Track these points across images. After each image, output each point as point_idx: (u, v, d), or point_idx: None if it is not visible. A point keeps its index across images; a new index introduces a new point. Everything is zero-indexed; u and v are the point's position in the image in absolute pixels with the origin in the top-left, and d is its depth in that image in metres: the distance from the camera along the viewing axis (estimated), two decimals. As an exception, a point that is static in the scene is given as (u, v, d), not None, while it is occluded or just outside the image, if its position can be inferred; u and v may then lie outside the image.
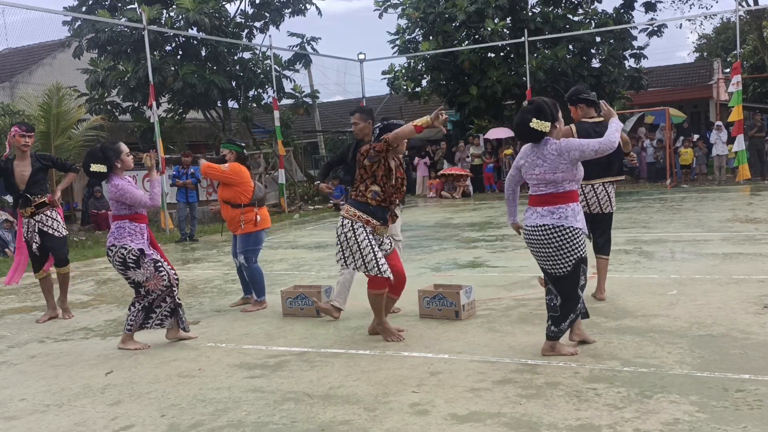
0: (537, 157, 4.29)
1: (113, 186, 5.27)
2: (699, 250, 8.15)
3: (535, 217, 4.29)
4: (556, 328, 4.35)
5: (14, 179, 6.41)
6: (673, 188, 17.45)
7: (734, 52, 20.38)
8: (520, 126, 4.31)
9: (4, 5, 13.03)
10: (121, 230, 5.25)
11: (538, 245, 4.29)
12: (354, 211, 4.90)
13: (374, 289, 4.98)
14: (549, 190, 4.27)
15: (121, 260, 5.21)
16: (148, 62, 14.51)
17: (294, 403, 3.90)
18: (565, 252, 4.23)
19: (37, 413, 4.03)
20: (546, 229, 4.23)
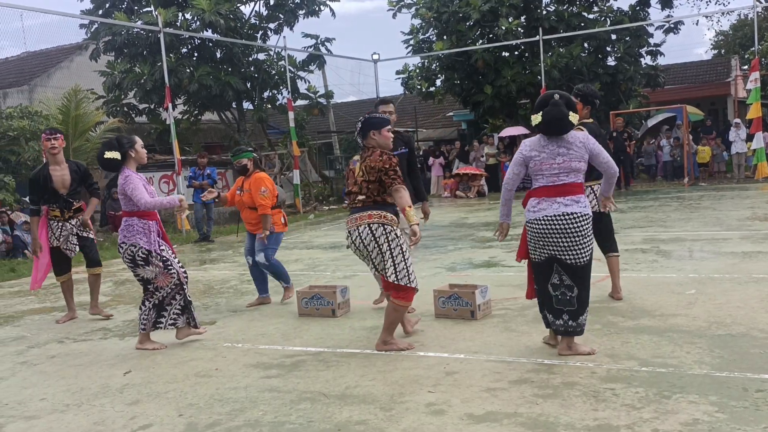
0: (559, 147, 4.26)
1: (122, 177, 5.26)
2: (718, 248, 8.06)
3: (557, 207, 4.24)
4: (574, 322, 4.31)
5: (53, 184, 6.36)
6: (690, 186, 17.30)
7: (752, 48, 20.14)
8: (560, 120, 4.21)
9: (23, 9, 13.19)
10: (130, 228, 5.28)
11: (561, 235, 4.23)
12: (385, 213, 4.63)
13: (402, 301, 4.69)
14: (571, 179, 4.26)
15: (130, 257, 5.25)
16: (164, 64, 14.62)
17: (310, 402, 3.91)
18: (588, 239, 4.28)
19: (56, 413, 4.07)
20: (575, 217, 4.22)
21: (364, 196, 4.65)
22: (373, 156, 4.61)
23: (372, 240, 4.59)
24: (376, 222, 4.60)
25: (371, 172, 4.60)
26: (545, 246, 4.31)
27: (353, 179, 4.73)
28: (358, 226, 4.64)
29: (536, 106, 4.33)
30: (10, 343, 5.93)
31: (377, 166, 4.56)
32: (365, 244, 4.62)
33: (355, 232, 4.67)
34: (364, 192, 4.64)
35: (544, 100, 4.30)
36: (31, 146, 13.53)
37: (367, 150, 4.71)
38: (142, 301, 5.37)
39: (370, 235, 4.59)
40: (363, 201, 4.65)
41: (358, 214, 4.66)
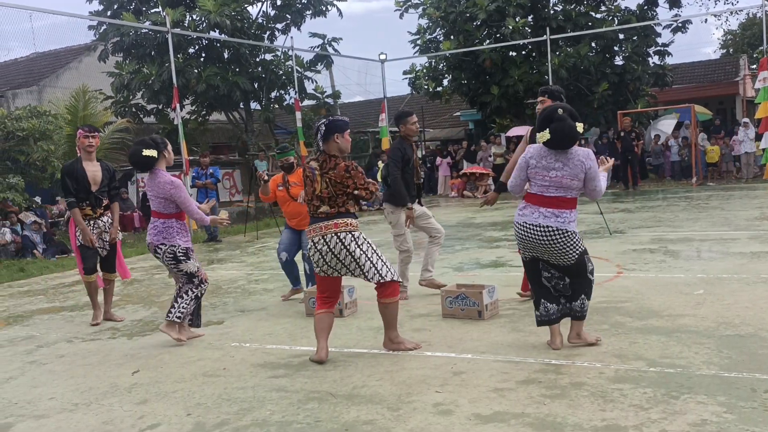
0: (556, 160, 4.30)
1: (169, 182, 5.32)
2: (726, 248, 8.03)
3: (537, 216, 4.34)
4: (575, 302, 4.43)
5: (86, 180, 6.35)
6: (698, 186, 17.23)
7: (760, 48, 20.04)
8: (570, 135, 4.23)
9: (32, 10, 13.25)
10: (170, 229, 5.38)
11: (536, 243, 4.36)
12: (350, 221, 4.59)
13: (394, 297, 4.68)
14: (558, 193, 4.32)
15: (171, 256, 5.36)
16: (172, 65, 14.66)
17: (318, 402, 3.92)
18: (566, 251, 4.34)
19: (65, 412, 4.10)
20: (550, 230, 4.30)
21: (326, 207, 4.55)
22: (337, 170, 4.50)
23: (342, 248, 4.52)
24: (344, 230, 4.54)
25: (338, 186, 4.52)
26: (527, 248, 4.47)
27: (312, 189, 4.58)
28: (324, 235, 4.54)
29: (541, 121, 4.34)
30: (20, 343, 5.97)
31: (347, 182, 4.51)
32: (335, 253, 4.53)
33: (320, 242, 4.55)
34: (327, 203, 4.55)
35: (549, 115, 4.29)
36: (39, 146, 13.61)
37: (328, 159, 4.54)
38: (183, 291, 5.41)
39: (339, 244, 4.52)
40: (326, 212, 4.56)
41: (322, 223, 4.56)
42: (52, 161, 13.73)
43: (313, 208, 4.61)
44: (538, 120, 4.40)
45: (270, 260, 10.10)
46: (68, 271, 10.58)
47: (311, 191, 4.61)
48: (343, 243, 4.52)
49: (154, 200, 5.40)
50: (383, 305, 4.69)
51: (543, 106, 5.67)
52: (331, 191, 4.53)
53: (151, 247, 5.43)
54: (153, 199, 5.41)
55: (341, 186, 4.53)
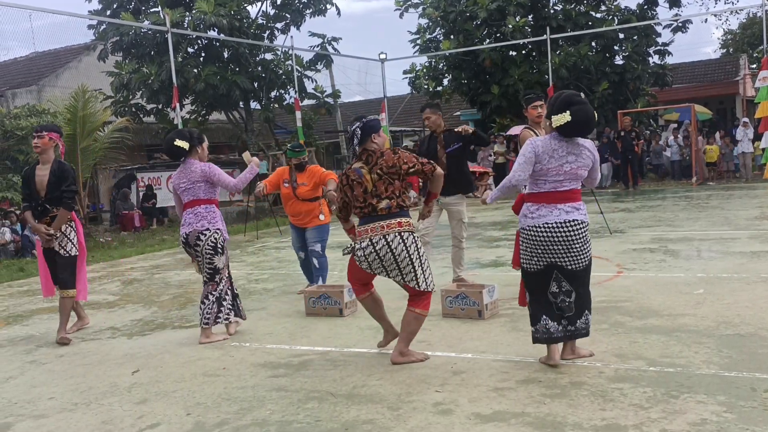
0: (569, 153, 4.06)
1: (204, 167, 5.37)
2: (726, 248, 8.03)
3: (559, 214, 4.07)
4: (573, 326, 4.18)
5: (34, 184, 5.74)
6: (698, 186, 17.22)
7: (760, 47, 20.04)
8: (591, 120, 4.02)
9: (31, 10, 13.24)
10: (213, 214, 5.40)
11: (562, 243, 4.06)
12: (409, 220, 4.41)
13: (427, 310, 4.48)
14: (572, 186, 4.12)
15: (213, 244, 5.34)
16: (172, 64, 14.65)
17: (318, 402, 3.92)
18: (588, 245, 4.17)
19: (65, 411, 4.09)
20: (577, 224, 4.08)
21: (386, 201, 4.33)
22: (386, 157, 4.36)
23: (404, 249, 4.32)
24: (407, 230, 4.36)
25: (391, 171, 4.34)
26: (544, 254, 4.12)
27: (362, 190, 4.39)
28: (386, 235, 4.31)
29: (559, 105, 4.03)
30: (19, 342, 5.97)
31: (399, 164, 4.34)
32: (395, 254, 4.31)
33: (381, 241, 4.32)
34: (386, 197, 4.34)
35: (568, 98, 4.04)
36: (39, 145, 13.60)
37: (371, 155, 4.42)
38: (204, 296, 5.43)
39: (401, 245, 4.31)
40: (387, 208, 4.34)
41: (384, 222, 4.33)
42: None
43: (370, 207, 4.36)
44: (554, 103, 4.07)
45: (270, 260, 10.10)
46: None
47: (361, 192, 4.39)
48: (405, 243, 4.33)
49: (191, 188, 5.39)
50: (414, 315, 4.45)
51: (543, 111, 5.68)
52: (386, 180, 4.34)
53: (192, 234, 5.33)
54: (189, 188, 5.39)
55: (395, 170, 4.33)
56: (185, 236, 5.43)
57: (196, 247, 5.39)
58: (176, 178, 5.54)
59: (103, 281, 9.22)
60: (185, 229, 5.43)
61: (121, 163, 18.23)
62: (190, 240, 5.40)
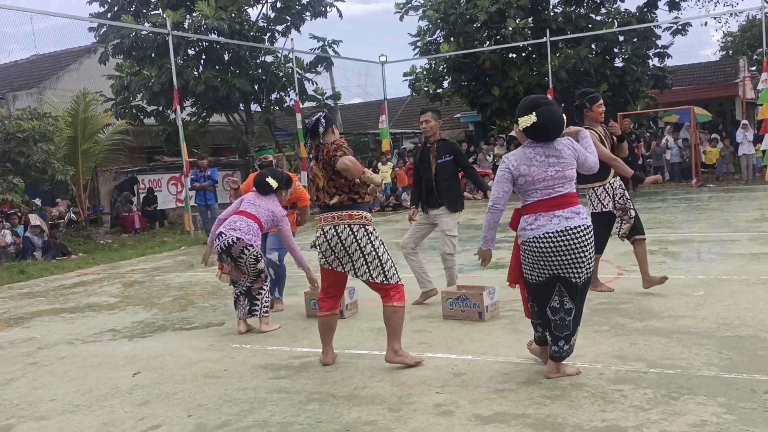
0: (548, 156, 3.90)
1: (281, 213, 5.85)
2: (726, 250, 8.04)
3: (558, 222, 3.86)
4: (568, 345, 4.00)
5: None
6: (698, 188, 17.24)
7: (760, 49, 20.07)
8: (558, 120, 3.87)
9: (33, 12, 13.27)
10: (259, 235, 5.74)
11: (565, 252, 3.85)
12: (365, 214, 4.41)
13: (402, 302, 4.44)
14: (566, 189, 3.92)
15: (255, 257, 5.63)
16: (173, 67, 14.68)
17: (318, 403, 3.92)
18: (592, 252, 3.95)
19: (66, 413, 4.10)
20: (579, 230, 3.86)
21: (337, 197, 4.35)
22: (324, 151, 4.36)
23: (354, 241, 4.32)
24: (357, 223, 4.34)
25: (327, 168, 4.35)
26: (547, 265, 3.91)
27: (315, 186, 4.46)
28: (335, 225, 4.34)
29: (524, 108, 3.93)
30: (21, 344, 5.98)
31: (327, 158, 4.32)
32: (345, 245, 4.32)
33: (331, 231, 4.34)
34: (335, 192, 4.35)
35: (534, 100, 3.94)
36: (39, 148, 13.62)
37: (321, 147, 4.39)
38: (257, 290, 5.74)
39: (351, 236, 4.32)
40: (339, 200, 4.35)
41: (335, 213, 4.36)
42: (53, 163, 13.75)
43: (323, 203, 4.42)
44: (520, 107, 3.96)
45: (270, 262, 10.11)
46: (68, 273, 10.60)
47: (314, 189, 4.50)
48: (355, 236, 4.32)
49: (258, 207, 5.76)
50: (391, 309, 4.39)
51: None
52: (328, 175, 4.34)
53: (238, 245, 5.56)
54: (256, 205, 5.77)
55: (331, 166, 4.30)
56: (231, 242, 5.57)
57: (238, 259, 5.61)
58: (254, 196, 5.88)
59: (104, 283, 9.23)
60: (234, 234, 5.59)
61: (121, 165, 18.23)
62: (234, 249, 5.58)
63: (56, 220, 16.22)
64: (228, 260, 5.66)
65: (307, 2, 19.81)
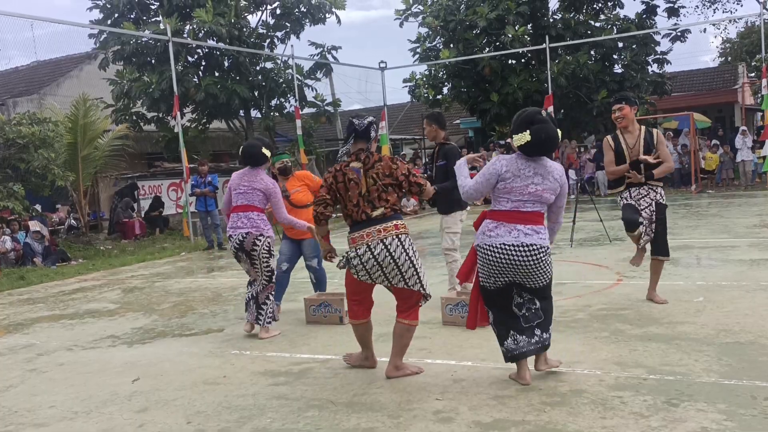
0: (535, 174, 3.94)
1: (271, 183, 5.69)
2: (725, 256, 8.04)
3: (517, 235, 3.91)
4: (547, 333, 4.08)
5: None
6: (698, 194, 17.25)
7: (759, 56, 20.11)
8: (554, 139, 3.91)
9: (33, 19, 13.32)
10: (264, 221, 5.65)
11: (517, 265, 3.92)
12: (404, 223, 4.33)
13: (416, 319, 4.43)
14: (536, 208, 3.96)
15: (268, 248, 5.58)
16: (173, 73, 14.70)
17: (318, 410, 3.92)
18: (546, 270, 4.00)
19: (66, 420, 4.09)
20: (534, 249, 3.91)
21: (381, 210, 4.23)
22: (383, 163, 4.28)
23: (403, 252, 4.20)
24: (404, 233, 4.25)
25: (387, 180, 4.25)
26: (501, 274, 3.98)
27: (357, 191, 4.27)
28: (383, 239, 4.18)
29: (519, 123, 3.96)
30: (20, 351, 5.97)
31: (395, 173, 4.25)
32: (394, 258, 4.18)
33: (379, 246, 4.18)
34: (380, 205, 4.23)
35: (529, 116, 3.94)
36: (40, 154, 13.62)
37: (370, 155, 4.32)
38: (265, 297, 5.68)
39: (400, 248, 4.19)
40: (382, 212, 4.24)
41: (380, 225, 4.21)
42: (53, 169, 13.75)
43: (364, 214, 4.24)
44: (515, 122, 4.00)
45: (270, 268, 10.10)
46: (68, 279, 10.59)
47: (356, 194, 4.26)
48: (403, 246, 4.21)
49: (250, 194, 5.62)
50: (406, 327, 4.38)
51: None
52: (380, 186, 4.23)
53: (249, 239, 5.52)
54: (248, 193, 5.62)
55: (390, 178, 4.24)
56: (241, 239, 5.56)
57: (252, 252, 5.57)
58: (238, 179, 5.76)
59: (104, 289, 9.22)
60: (240, 231, 5.57)
61: (121, 171, 18.23)
62: (246, 244, 5.56)
63: (56, 226, 16.21)
64: (244, 257, 5.66)
65: (307, 9, 19.85)
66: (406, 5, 23.07)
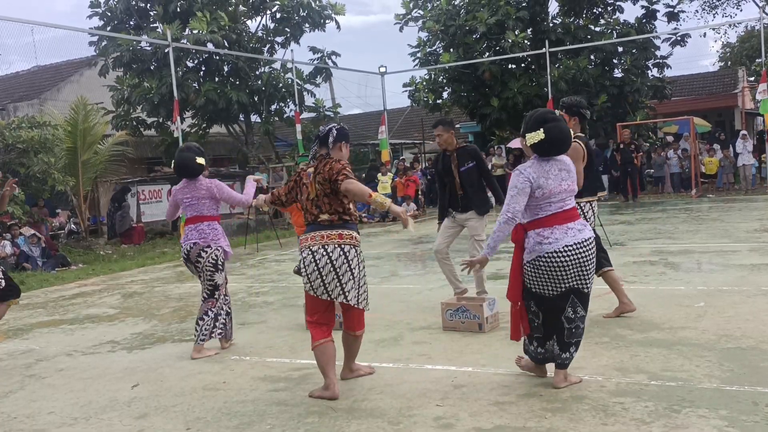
0: (560, 170, 3.97)
1: (210, 184, 5.47)
2: (726, 260, 8.03)
3: (574, 234, 3.92)
4: (576, 350, 4.08)
5: None
6: (698, 198, 17.25)
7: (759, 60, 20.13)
8: (567, 137, 3.94)
9: (33, 24, 13.33)
10: (215, 231, 5.48)
11: (581, 263, 3.92)
12: (355, 235, 4.27)
13: (362, 329, 4.44)
14: (573, 203, 4.03)
15: (214, 261, 5.43)
16: (173, 79, 14.72)
17: (318, 416, 3.90)
18: (595, 261, 4.07)
19: (65, 426, 4.08)
20: (590, 241, 3.98)
21: (327, 215, 4.19)
22: (328, 166, 4.20)
23: (345, 262, 4.15)
24: (348, 243, 4.19)
25: (325, 185, 4.18)
26: (564, 278, 3.92)
27: (307, 194, 4.28)
28: (325, 245, 4.15)
29: (532, 123, 3.94)
30: (19, 356, 5.96)
31: (329, 176, 4.16)
32: (335, 266, 4.13)
33: (320, 251, 4.14)
34: (326, 210, 4.19)
35: (543, 115, 3.96)
36: (40, 159, 13.63)
37: (324, 161, 4.25)
38: (203, 312, 5.47)
39: (342, 257, 4.14)
40: (328, 220, 4.20)
41: (324, 232, 4.18)
42: (53, 173, 13.75)
43: (311, 216, 4.25)
44: (527, 121, 3.98)
45: (270, 273, 10.10)
46: (68, 284, 10.57)
47: (305, 198, 4.29)
48: (346, 256, 4.16)
49: (196, 204, 5.47)
50: (354, 338, 4.42)
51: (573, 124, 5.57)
52: (324, 191, 4.18)
53: (195, 250, 5.41)
54: (194, 204, 5.47)
55: (329, 182, 4.15)
56: (187, 251, 5.47)
57: (197, 264, 5.45)
58: (180, 193, 5.57)
59: (103, 294, 9.21)
60: (188, 242, 5.47)
61: (121, 176, 18.23)
62: (191, 256, 5.45)
63: (56, 230, 16.20)
64: (193, 268, 5.55)
65: (306, 14, 19.89)
66: (406, 10, 23.12)
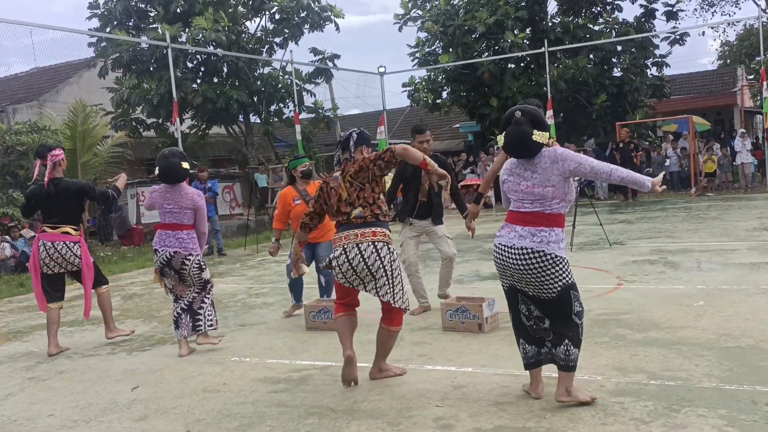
0: (525, 170, 3.75)
1: (196, 193, 5.59)
2: (726, 259, 8.03)
3: (513, 236, 3.73)
4: (560, 347, 3.73)
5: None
6: (698, 197, 17.25)
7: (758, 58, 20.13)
8: (521, 141, 3.68)
9: (32, 26, 13.34)
10: (194, 240, 5.60)
11: (512, 268, 3.74)
12: (387, 232, 4.27)
13: (400, 325, 4.43)
14: (534, 208, 3.72)
15: (198, 265, 5.56)
16: (172, 79, 14.72)
17: (318, 417, 3.91)
18: (546, 279, 3.68)
19: (65, 428, 4.08)
20: (525, 252, 3.66)
21: (359, 209, 4.20)
22: (354, 163, 4.26)
23: (377, 260, 4.16)
24: (381, 240, 4.19)
25: (360, 175, 4.21)
26: (502, 275, 3.88)
27: (338, 197, 4.29)
28: (359, 244, 4.16)
29: (502, 123, 3.84)
30: (19, 359, 5.96)
31: (365, 164, 4.20)
32: (368, 264, 4.15)
33: (353, 250, 4.16)
34: (358, 204, 4.21)
35: (507, 117, 3.78)
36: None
37: (348, 162, 4.32)
38: (200, 303, 5.61)
39: (375, 255, 4.16)
40: (361, 217, 4.20)
41: (358, 230, 4.19)
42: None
43: (343, 216, 4.25)
44: (502, 120, 3.88)
45: (270, 274, 10.09)
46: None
47: (336, 200, 4.28)
48: (379, 254, 4.16)
49: (178, 212, 5.51)
50: (389, 333, 4.39)
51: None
52: (356, 186, 4.20)
53: (178, 257, 5.48)
54: (176, 212, 5.51)
55: (362, 171, 4.18)
56: (168, 258, 5.51)
57: (181, 270, 5.54)
58: (161, 199, 5.55)
59: (103, 296, 9.20)
60: (168, 250, 5.51)
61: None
62: (174, 262, 5.52)
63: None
64: (171, 273, 5.56)
65: (305, 15, 19.89)
66: (405, 10, 23.13)
